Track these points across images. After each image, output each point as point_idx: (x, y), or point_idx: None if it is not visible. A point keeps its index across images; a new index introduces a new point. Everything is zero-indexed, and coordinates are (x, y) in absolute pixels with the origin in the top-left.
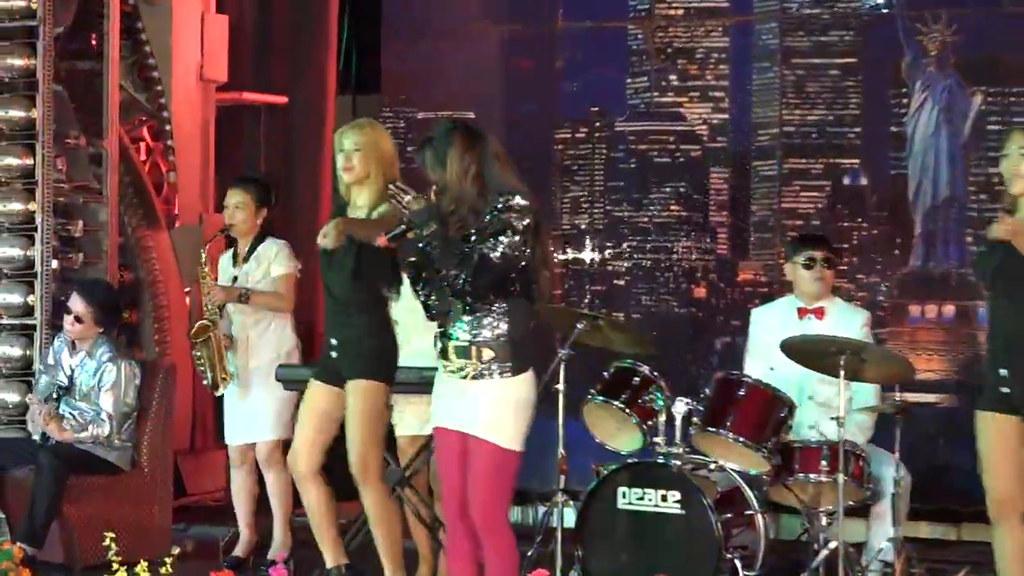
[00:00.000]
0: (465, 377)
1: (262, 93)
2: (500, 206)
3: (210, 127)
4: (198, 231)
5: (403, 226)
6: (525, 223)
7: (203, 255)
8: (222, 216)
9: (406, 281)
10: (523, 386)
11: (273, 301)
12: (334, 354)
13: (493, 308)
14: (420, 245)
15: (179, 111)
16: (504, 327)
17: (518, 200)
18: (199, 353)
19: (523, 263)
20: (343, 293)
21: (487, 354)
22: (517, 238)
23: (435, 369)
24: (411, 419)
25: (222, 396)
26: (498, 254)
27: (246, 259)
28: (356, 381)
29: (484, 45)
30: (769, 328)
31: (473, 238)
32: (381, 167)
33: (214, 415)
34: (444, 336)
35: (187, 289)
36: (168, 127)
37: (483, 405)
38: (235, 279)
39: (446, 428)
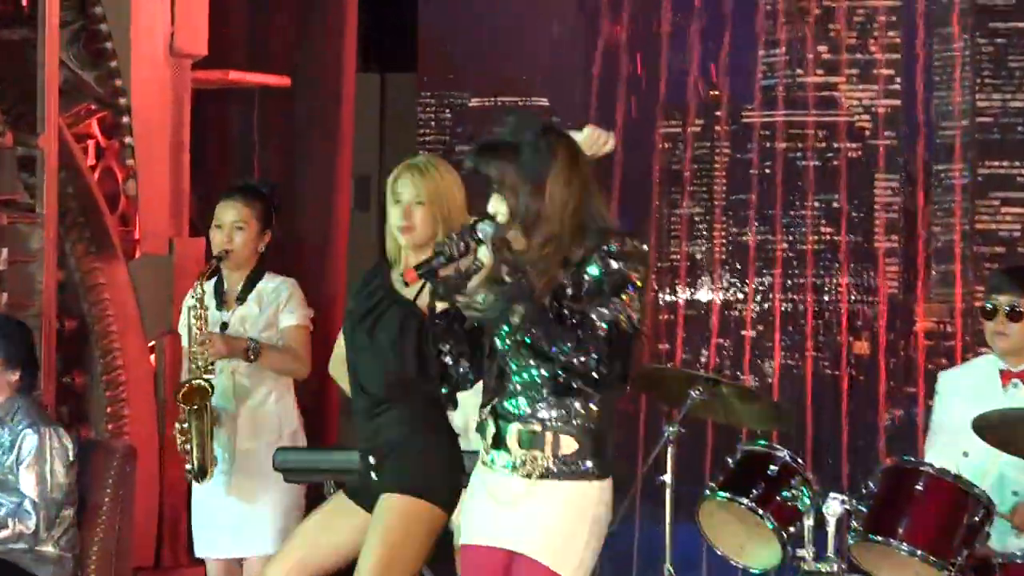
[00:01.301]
0: (529, 476)
1: (255, 72)
2: (613, 250)
3: (184, 118)
4: (167, 262)
5: (443, 256)
6: (645, 277)
7: (201, 287)
8: (201, 240)
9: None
10: (605, 496)
11: (289, 361)
12: (376, 476)
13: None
14: (463, 294)
15: (141, 97)
16: (594, 409)
17: (635, 245)
18: (186, 426)
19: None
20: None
21: (568, 446)
22: (639, 300)
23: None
24: None
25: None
26: (626, 323)
27: (240, 299)
28: (392, 496)
29: (559, 7)
30: (961, 399)
31: (570, 294)
32: (449, 226)
33: (189, 519)
34: (500, 415)
35: (152, 343)
36: (126, 119)
37: (548, 517)
38: (224, 327)
39: (485, 546)
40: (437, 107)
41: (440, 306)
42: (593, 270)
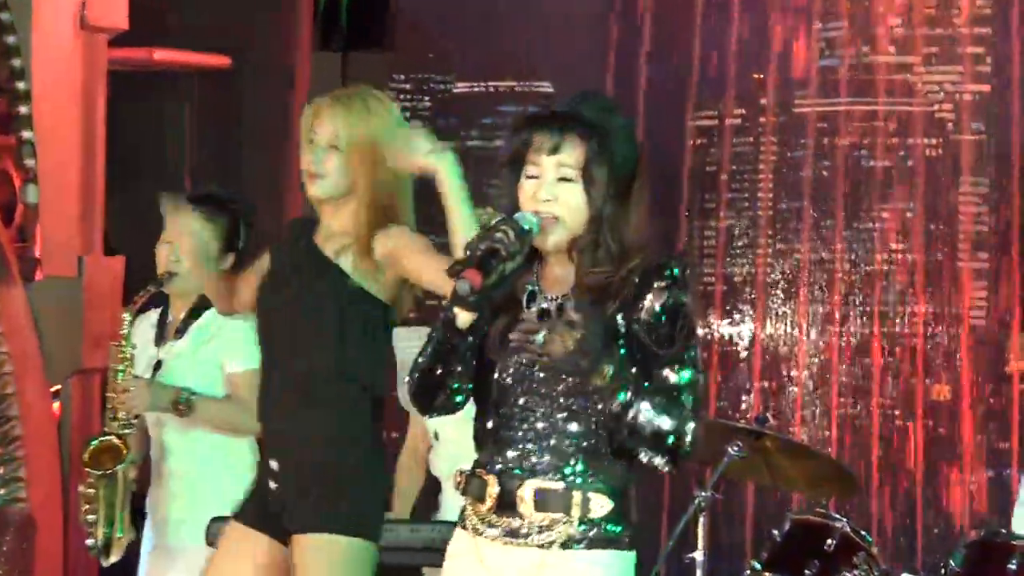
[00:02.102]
0: (547, 545)
1: (187, 51)
2: (677, 275)
3: (98, 107)
4: (76, 286)
5: (499, 256)
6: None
7: (127, 323)
8: (118, 260)
9: None
10: (632, 572)
11: (234, 415)
12: (275, 484)
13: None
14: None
15: (45, 81)
16: (612, 467)
17: (680, 262)
18: (92, 491)
19: None
20: (305, 368)
21: (600, 506)
22: (694, 328)
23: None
24: None
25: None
26: (703, 384)
27: (180, 332)
28: (309, 536)
29: None
30: None
31: (622, 331)
32: (376, 182)
33: None
34: (505, 469)
35: (56, 388)
36: (25, 109)
37: None
38: (158, 366)
39: None
40: (414, 93)
41: (465, 317)
42: (651, 298)
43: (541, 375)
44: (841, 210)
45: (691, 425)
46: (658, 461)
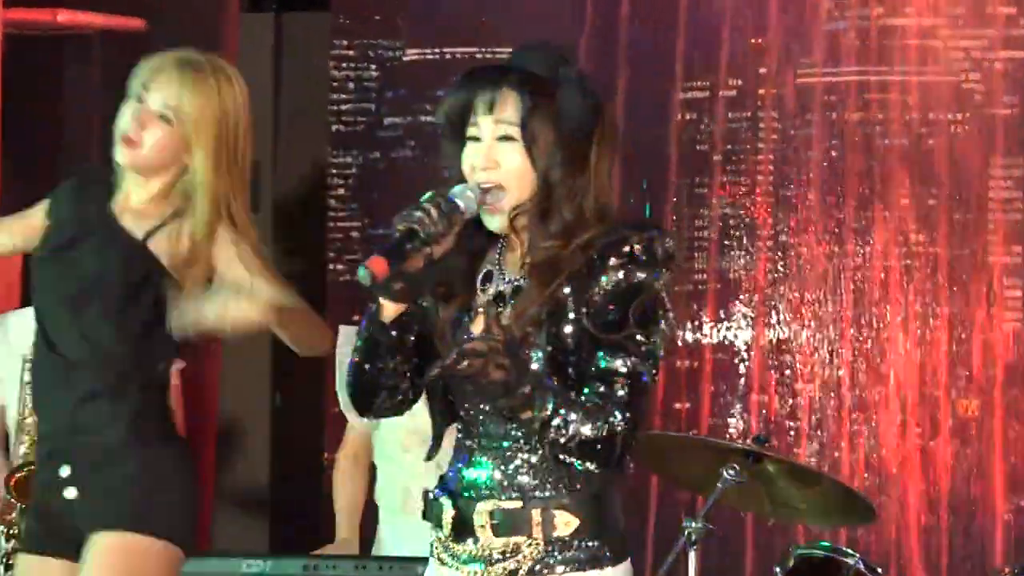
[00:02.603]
0: (514, 573)
1: (96, 12)
2: (636, 252)
3: None
4: None
5: (418, 238)
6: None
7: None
8: (10, 263)
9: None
10: None
11: None
12: (71, 494)
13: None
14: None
15: None
16: (594, 472)
17: (667, 245)
18: (16, 531)
19: None
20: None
21: (564, 523)
22: (670, 322)
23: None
24: None
25: None
26: (650, 376)
27: None
28: (110, 535)
29: None
30: None
31: (571, 317)
32: (217, 178)
33: None
34: (460, 489)
35: None
36: None
37: None
38: None
39: None
40: (358, 61)
41: (390, 308)
42: (604, 279)
43: None
44: (852, 197)
45: (621, 427)
46: (592, 467)
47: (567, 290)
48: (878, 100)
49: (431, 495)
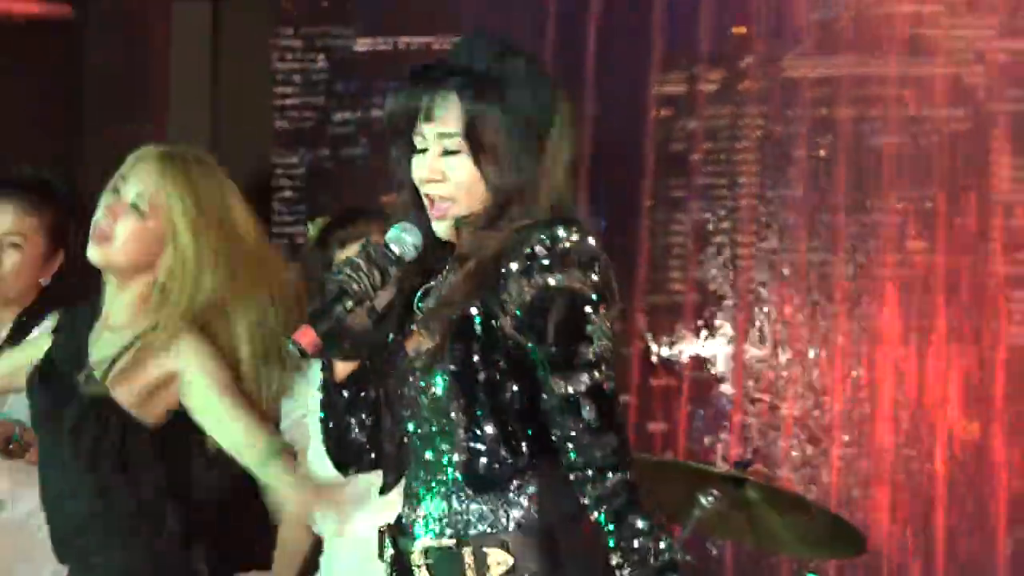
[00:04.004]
0: None
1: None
2: (541, 251)
3: None
4: None
5: (349, 298)
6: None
7: None
8: None
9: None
10: None
11: None
12: None
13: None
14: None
15: None
16: (527, 503)
17: (578, 239)
18: None
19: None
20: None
21: (498, 562)
22: (608, 326)
23: None
24: None
25: None
26: (606, 381)
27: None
28: None
29: None
30: None
31: (501, 333)
32: (181, 263)
33: None
34: (400, 531)
35: None
36: None
37: None
38: None
39: None
40: (305, 51)
41: (340, 367)
42: (524, 291)
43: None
44: (843, 199)
45: (604, 448)
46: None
47: (473, 309)
48: (871, 96)
49: (380, 531)
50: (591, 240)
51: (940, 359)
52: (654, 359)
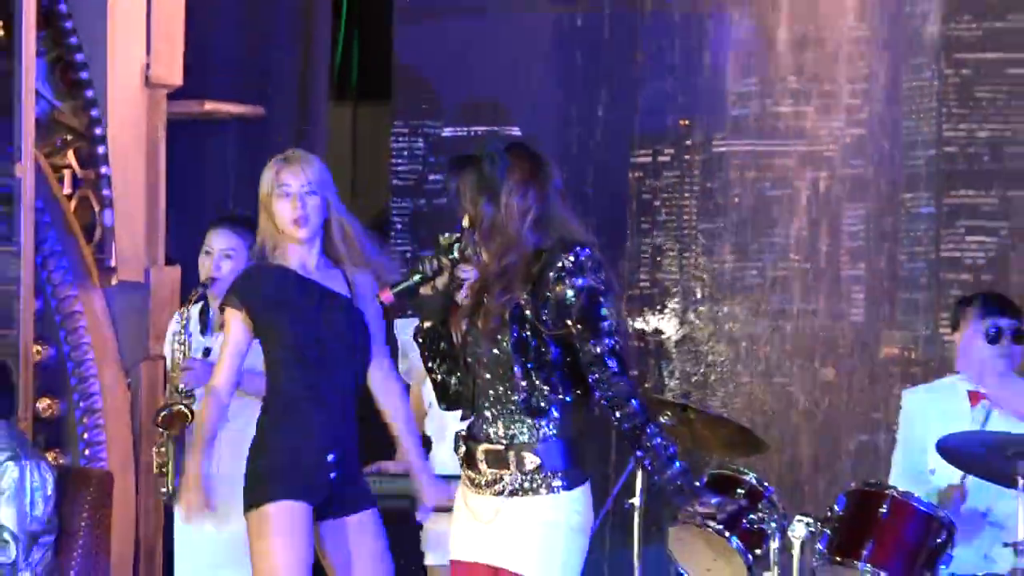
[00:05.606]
0: (500, 493)
1: (231, 102)
2: (568, 265)
3: (159, 149)
4: (143, 289)
5: (419, 276)
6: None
7: (187, 313)
8: (176, 269)
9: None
10: (578, 505)
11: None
12: (335, 474)
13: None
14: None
15: (118, 128)
16: (555, 425)
17: (588, 254)
18: (163, 449)
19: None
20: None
21: (530, 461)
22: (615, 306)
23: None
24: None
25: (172, 525)
26: (622, 343)
27: (222, 327)
28: (375, 512)
29: (535, 35)
30: (926, 419)
31: (544, 318)
32: (335, 213)
33: (165, 544)
34: (471, 437)
35: (128, 378)
36: (102, 149)
37: (523, 531)
38: (207, 352)
39: (469, 562)
40: (411, 136)
41: (423, 324)
42: (561, 291)
43: (493, 352)
44: (753, 232)
45: (626, 385)
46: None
47: (523, 299)
48: (770, 164)
49: (458, 436)
50: (596, 254)
51: (811, 329)
52: (630, 331)
